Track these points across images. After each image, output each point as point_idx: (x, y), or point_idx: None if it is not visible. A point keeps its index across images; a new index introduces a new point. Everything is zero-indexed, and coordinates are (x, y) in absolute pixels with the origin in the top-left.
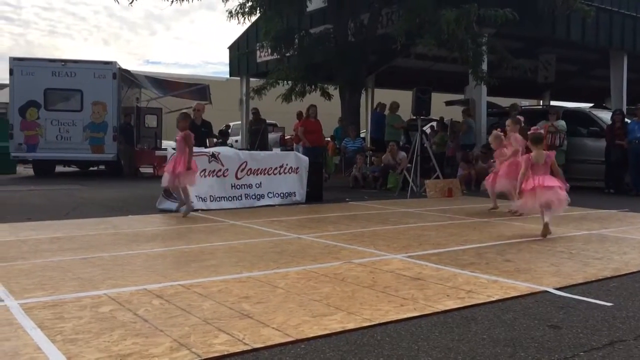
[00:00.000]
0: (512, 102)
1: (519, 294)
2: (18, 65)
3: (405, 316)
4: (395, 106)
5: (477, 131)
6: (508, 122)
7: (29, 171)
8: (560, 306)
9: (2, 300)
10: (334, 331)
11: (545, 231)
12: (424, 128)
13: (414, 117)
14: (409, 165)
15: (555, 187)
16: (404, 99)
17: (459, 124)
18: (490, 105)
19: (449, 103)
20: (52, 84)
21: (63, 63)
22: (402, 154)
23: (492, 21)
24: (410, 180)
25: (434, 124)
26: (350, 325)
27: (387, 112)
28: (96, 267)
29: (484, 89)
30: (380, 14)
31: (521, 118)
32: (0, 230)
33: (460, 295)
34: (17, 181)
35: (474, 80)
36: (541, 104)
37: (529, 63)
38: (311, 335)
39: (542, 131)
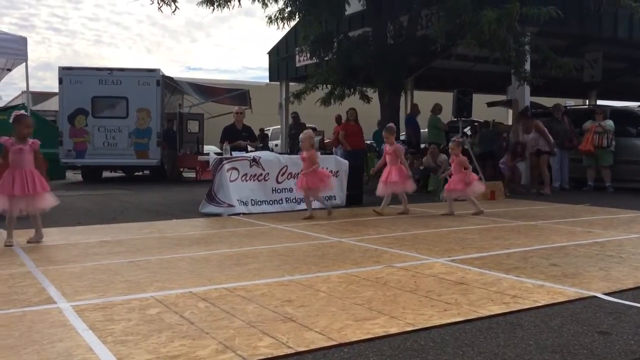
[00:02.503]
0: (557, 102)
1: (566, 299)
2: (67, 74)
3: (449, 321)
4: (438, 108)
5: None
6: (451, 144)
7: (78, 177)
8: (610, 312)
9: (56, 303)
10: (376, 335)
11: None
12: (464, 129)
13: (455, 119)
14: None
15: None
16: (445, 100)
17: (503, 126)
18: (534, 105)
19: (491, 104)
20: (99, 92)
21: (109, 71)
22: (443, 156)
23: (535, 20)
24: None
25: (475, 125)
26: (393, 330)
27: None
28: (143, 270)
29: (527, 89)
30: (419, 15)
31: (461, 140)
32: (51, 234)
33: (505, 300)
34: (67, 186)
35: (516, 80)
36: (587, 103)
37: (574, 61)
38: (354, 339)
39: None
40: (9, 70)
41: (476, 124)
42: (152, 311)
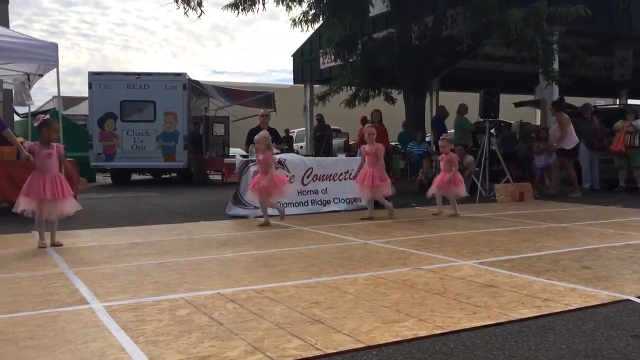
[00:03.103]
0: (586, 101)
1: (599, 303)
2: (96, 79)
3: (478, 324)
4: (463, 108)
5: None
6: (442, 142)
7: (107, 179)
8: None
9: (89, 303)
10: (405, 338)
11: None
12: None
13: (482, 120)
14: (477, 169)
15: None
16: (471, 101)
17: (530, 126)
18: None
19: (518, 104)
20: (128, 96)
21: (137, 76)
22: (470, 157)
23: (563, 18)
24: (479, 184)
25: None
26: (422, 333)
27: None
28: (173, 271)
29: (556, 88)
30: (445, 15)
31: (450, 137)
32: (84, 236)
33: (536, 304)
34: (97, 189)
35: (544, 80)
36: (618, 102)
37: (604, 60)
38: (382, 341)
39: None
40: (41, 75)
41: (502, 124)
42: (182, 312)
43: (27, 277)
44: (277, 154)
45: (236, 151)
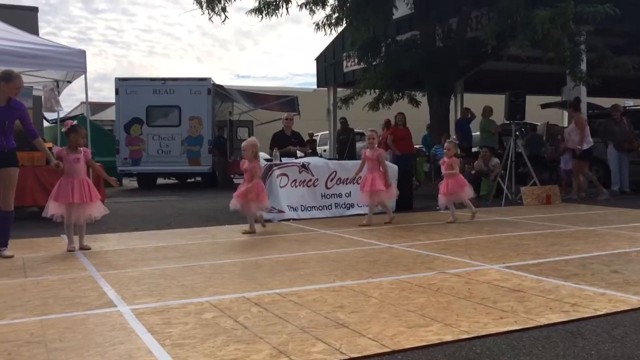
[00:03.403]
0: (615, 102)
1: (629, 308)
2: (123, 85)
3: (505, 329)
4: (488, 110)
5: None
6: (447, 145)
7: (134, 184)
8: None
9: (116, 306)
10: (430, 343)
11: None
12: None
13: (508, 122)
14: (502, 171)
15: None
16: (497, 103)
17: (557, 128)
18: (591, 106)
19: (545, 106)
20: (153, 101)
21: (163, 81)
22: (496, 160)
23: (591, 18)
24: (505, 187)
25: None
26: (448, 337)
27: (480, 117)
28: (198, 275)
29: (584, 89)
30: (469, 17)
31: (457, 141)
32: (110, 240)
33: (564, 309)
34: (124, 193)
35: (572, 80)
36: None
37: (633, 60)
38: (407, 346)
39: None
40: (69, 82)
41: (528, 125)
42: (208, 315)
43: (57, 280)
44: (301, 157)
45: (260, 155)
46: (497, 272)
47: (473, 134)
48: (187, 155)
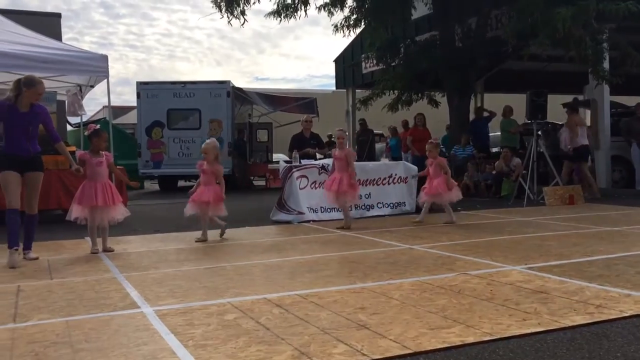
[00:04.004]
0: (638, 100)
1: None
2: (144, 89)
3: (528, 331)
4: (507, 110)
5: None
6: (428, 146)
7: (155, 186)
8: None
9: (139, 307)
10: (452, 345)
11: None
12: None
13: (529, 122)
14: (524, 171)
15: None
16: (517, 102)
17: None
18: (614, 105)
19: (566, 105)
20: (174, 104)
21: (183, 85)
22: (517, 160)
23: (613, 15)
24: (527, 188)
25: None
26: (470, 339)
27: (500, 117)
28: (219, 276)
29: (606, 88)
30: (489, 16)
31: (439, 141)
32: (133, 242)
33: (588, 310)
34: (145, 196)
35: (594, 79)
36: None
37: None
38: (429, 348)
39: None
40: (92, 86)
41: (550, 125)
42: (230, 316)
43: (82, 281)
44: (320, 159)
45: (279, 157)
46: (520, 273)
47: (493, 134)
48: None
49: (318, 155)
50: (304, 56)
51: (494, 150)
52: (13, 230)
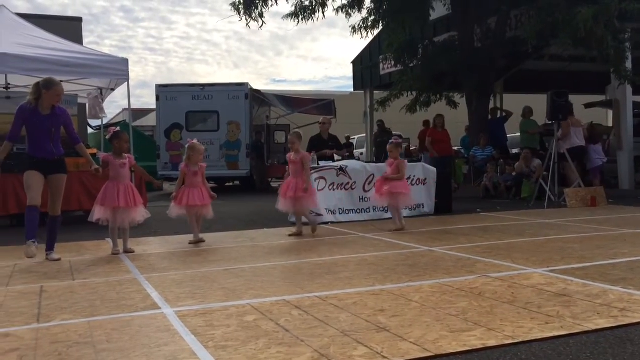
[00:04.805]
0: None
1: None
2: (163, 91)
3: (551, 335)
4: (528, 111)
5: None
6: (389, 146)
7: (174, 188)
8: None
9: (160, 308)
10: (474, 348)
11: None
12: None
13: (550, 122)
14: (545, 173)
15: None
16: (537, 103)
17: (602, 128)
18: (637, 105)
19: (588, 105)
20: (193, 107)
21: (201, 87)
22: (537, 161)
23: (636, 15)
24: (547, 189)
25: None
26: (492, 343)
27: (519, 117)
28: (238, 278)
29: (629, 88)
30: (508, 16)
31: (400, 142)
32: (153, 244)
33: (612, 314)
34: (164, 197)
35: (616, 79)
36: None
37: None
38: (450, 351)
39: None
40: (113, 89)
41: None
42: (249, 318)
43: (103, 282)
44: (338, 160)
45: None
46: (541, 276)
47: (513, 134)
48: (225, 159)
49: (336, 157)
50: (322, 58)
51: (514, 151)
52: (32, 225)
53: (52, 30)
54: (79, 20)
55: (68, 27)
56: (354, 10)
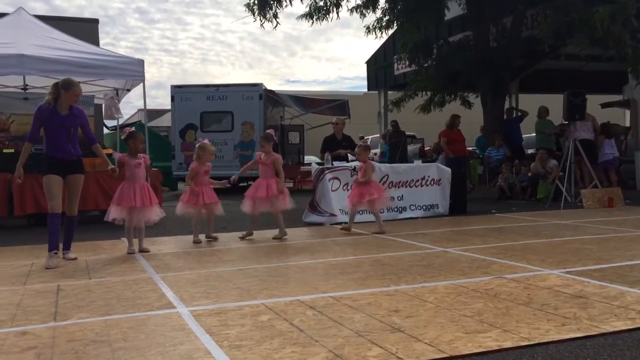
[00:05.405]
0: None
1: None
2: (178, 92)
3: (567, 336)
4: (543, 111)
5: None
6: (358, 149)
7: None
8: None
9: (175, 307)
10: (489, 349)
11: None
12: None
13: (566, 122)
14: (561, 173)
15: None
16: (553, 102)
17: (619, 128)
18: None
19: (605, 105)
20: (207, 107)
21: (216, 88)
22: (553, 161)
23: None
24: (564, 190)
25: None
26: (507, 344)
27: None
28: (252, 277)
29: None
30: (524, 15)
31: (369, 144)
32: (168, 243)
33: (630, 316)
34: (179, 197)
35: (634, 79)
36: None
37: None
38: (465, 352)
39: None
40: (128, 90)
41: None
42: (263, 318)
43: (119, 281)
44: (352, 161)
45: (311, 159)
46: (558, 277)
47: (528, 135)
48: (239, 159)
49: (350, 157)
50: (335, 58)
51: (530, 151)
52: (54, 235)
53: (69, 31)
54: (95, 21)
55: (85, 29)
56: (369, 11)
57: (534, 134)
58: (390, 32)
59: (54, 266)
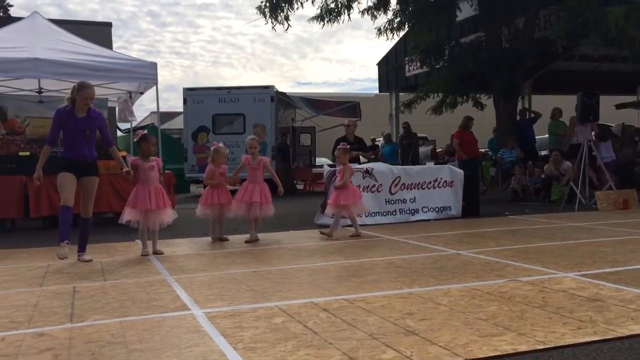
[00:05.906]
0: None
1: None
2: (190, 94)
3: (583, 340)
4: (557, 112)
5: None
6: (337, 152)
7: (201, 190)
8: None
9: (189, 309)
10: (504, 353)
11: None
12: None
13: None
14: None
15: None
16: (567, 104)
17: (633, 129)
18: None
19: (620, 106)
20: (219, 109)
21: (228, 90)
22: (567, 163)
23: None
24: (578, 192)
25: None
26: (523, 348)
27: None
28: (266, 280)
29: None
30: (537, 16)
31: (348, 147)
32: (182, 245)
33: None
34: (191, 199)
35: None
36: None
37: None
38: (481, 355)
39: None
40: (141, 93)
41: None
42: (277, 320)
43: (134, 283)
44: (363, 162)
45: (322, 161)
46: (573, 280)
47: (542, 136)
48: None
49: (362, 159)
50: (346, 60)
51: (543, 153)
52: (65, 225)
53: (83, 35)
54: (108, 25)
55: (98, 32)
56: (380, 12)
57: (547, 135)
58: (402, 33)
59: (65, 256)
